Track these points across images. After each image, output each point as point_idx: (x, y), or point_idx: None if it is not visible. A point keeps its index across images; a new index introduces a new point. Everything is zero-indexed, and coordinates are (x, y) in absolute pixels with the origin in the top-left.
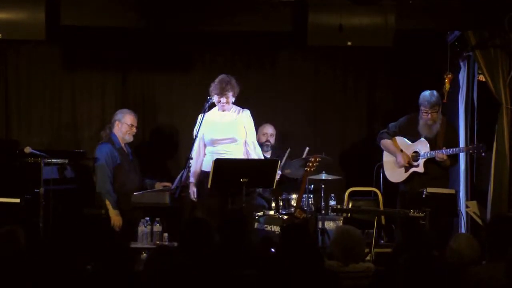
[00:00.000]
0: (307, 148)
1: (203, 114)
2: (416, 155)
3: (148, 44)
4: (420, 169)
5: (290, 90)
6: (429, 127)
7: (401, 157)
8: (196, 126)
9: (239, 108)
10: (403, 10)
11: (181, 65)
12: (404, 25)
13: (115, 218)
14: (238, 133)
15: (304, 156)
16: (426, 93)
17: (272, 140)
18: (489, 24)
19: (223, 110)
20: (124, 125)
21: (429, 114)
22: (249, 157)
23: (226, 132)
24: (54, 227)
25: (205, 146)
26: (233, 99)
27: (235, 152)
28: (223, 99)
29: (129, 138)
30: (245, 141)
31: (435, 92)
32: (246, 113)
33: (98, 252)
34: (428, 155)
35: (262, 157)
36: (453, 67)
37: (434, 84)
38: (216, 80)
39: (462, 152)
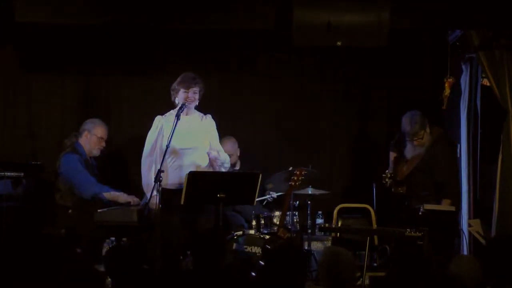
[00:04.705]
0: (291, 168)
1: (176, 121)
2: None
3: (114, 44)
4: None
5: (272, 95)
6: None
7: None
8: (152, 132)
9: (201, 113)
10: (399, 7)
11: (150, 67)
12: (400, 23)
13: (126, 198)
14: (203, 141)
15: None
16: (404, 119)
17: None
18: (493, 22)
19: (186, 113)
20: (93, 137)
21: (414, 141)
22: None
23: (190, 140)
24: (7, 249)
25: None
26: (197, 102)
27: (201, 164)
28: (191, 93)
29: (96, 152)
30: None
31: (413, 117)
32: (209, 117)
33: (59, 277)
34: None
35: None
36: (454, 70)
37: (433, 89)
38: (180, 77)
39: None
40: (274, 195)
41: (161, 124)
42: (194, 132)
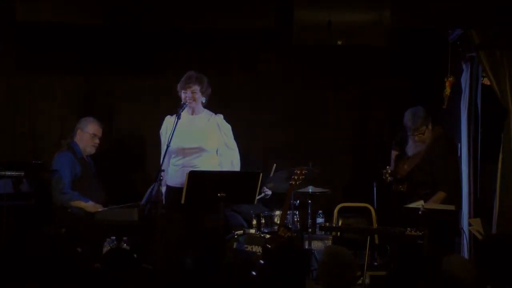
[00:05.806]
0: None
1: (176, 120)
2: None
3: (114, 44)
4: None
5: (272, 94)
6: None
7: None
8: (162, 133)
9: (211, 112)
10: (399, 6)
11: (152, 67)
12: (401, 23)
13: (91, 208)
14: (208, 141)
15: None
16: (407, 114)
17: None
18: (494, 21)
19: (192, 113)
20: (86, 134)
21: (415, 137)
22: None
23: (194, 139)
24: (7, 248)
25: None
26: (202, 99)
27: (206, 164)
28: (188, 94)
29: (90, 150)
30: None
31: (416, 113)
32: (220, 117)
33: (59, 276)
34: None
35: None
36: (455, 69)
37: (434, 88)
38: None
39: None
40: (269, 192)
41: (166, 124)
42: (198, 132)
